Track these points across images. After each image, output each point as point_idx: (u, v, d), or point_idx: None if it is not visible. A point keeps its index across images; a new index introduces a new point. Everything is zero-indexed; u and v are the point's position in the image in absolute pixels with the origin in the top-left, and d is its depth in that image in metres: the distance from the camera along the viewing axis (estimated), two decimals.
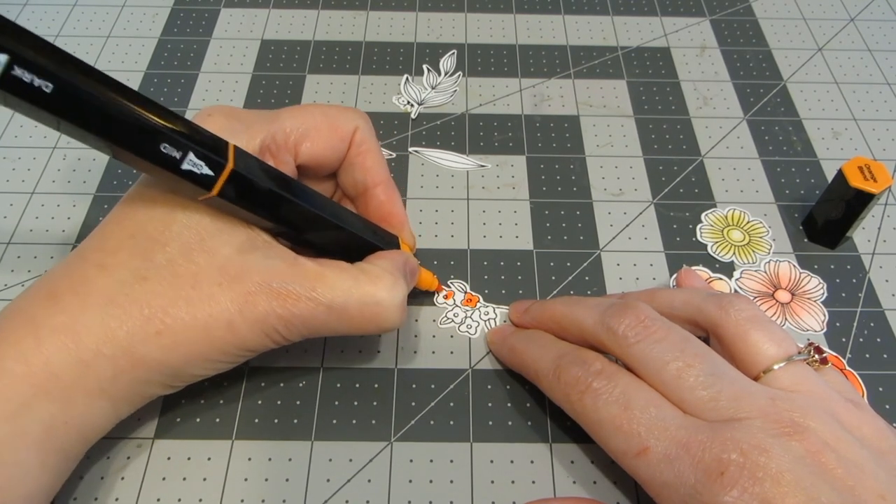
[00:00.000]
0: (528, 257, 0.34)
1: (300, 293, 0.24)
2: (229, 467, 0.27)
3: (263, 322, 0.24)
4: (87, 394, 0.22)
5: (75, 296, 0.23)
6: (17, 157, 0.37)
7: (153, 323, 0.23)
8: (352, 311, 0.25)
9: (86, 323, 0.22)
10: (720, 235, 0.35)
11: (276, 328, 0.24)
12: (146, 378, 0.24)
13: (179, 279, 0.23)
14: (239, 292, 0.23)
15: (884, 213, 0.37)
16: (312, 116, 0.28)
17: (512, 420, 0.29)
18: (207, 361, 0.24)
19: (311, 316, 0.24)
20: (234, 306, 0.23)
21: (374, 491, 0.27)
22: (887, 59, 0.44)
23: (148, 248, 0.24)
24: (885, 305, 0.33)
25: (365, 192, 0.29)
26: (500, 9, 0.47)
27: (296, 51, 0.43)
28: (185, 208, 0.24)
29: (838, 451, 0.22)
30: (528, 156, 0.38)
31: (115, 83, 0.21)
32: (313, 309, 0.24)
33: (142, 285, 0.23)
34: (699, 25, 0.46)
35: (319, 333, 0.26)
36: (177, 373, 0.24)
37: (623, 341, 0.25)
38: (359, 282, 0.25)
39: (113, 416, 0.24)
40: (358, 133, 0.29)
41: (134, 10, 0.46)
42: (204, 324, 0.23)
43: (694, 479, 0.22)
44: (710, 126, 0.40)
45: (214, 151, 0.23)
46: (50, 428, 0.22)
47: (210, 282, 0.23)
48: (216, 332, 0.23)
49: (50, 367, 0.22)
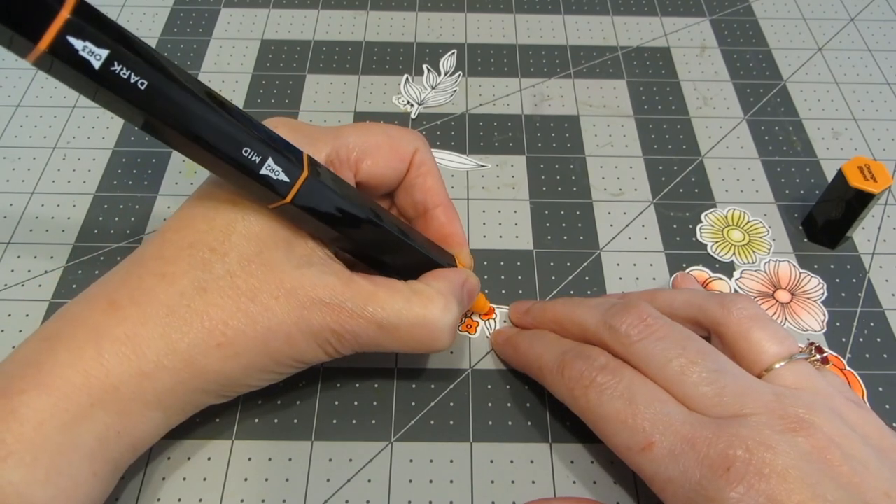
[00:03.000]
0: (528, 257, 0.34)
1: (352, 310, 0.24)
2: (229, 467, 0.27)
3: (318, 335, 0.24)
4: (145, 405, 0.22)
5: (136, 306, 0.23)
6: (18, 156, 0.37)
7: (214, 335, 0.23)
8: (402, 331, 0.25)
9: (147, 335, 0.22)
10: (720, 235, 0.35)
11: (329, 341, 0.24)
12: (203, 388, 0.24)
13: (238, 291, 0.23)
14: (294, 306, 0.24)
15: (884, 213, 0.37)
16: (375, 135, 0.28)
17: (512, 420, 0.29)
18: (264, 372, 0.25)
19: (363, 333, 0.25)
20: (291, 319, 0.23)
21: (374, 491, 0.27)
22: (887, 59, 0.44)
23: (207, 259, 0.23)
24: (884, 305, 0.33)
25: (425, 212, 0.29)
26: (500, 9, 0.47)
27: (296, 51, 0.43)
28: (244, 219, 0.24)
29: (843, 449, 0.22)
30: (528, 156, 0.38)
31: (202, 86, 0.21)
32: (365, 327, 0.24)
33: (202, 297, 0.23)
34: (699, 25, 0.46)
35: (371, 349, 0.26)
36: (233, 383, 0.24)
37: (625, 340, 0.25)
38: (411, 303, 0.25)
39: (164, 425, 0.24)
40: (418, 154, 0.29)
41: (134, 10, 0.46)
42: (263, 336, 0.23)
43: (699, 475, 0.22)
44: (710, 126, 0.40)
45: (291, 158, 0.23)
46: (104, 439, 0.22)
47: (268, 294, 0.23)
48: (274, 344, 0.24)
49: (110, 378, 0.22)
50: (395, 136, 0.28)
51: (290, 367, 0.25)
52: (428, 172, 0.29)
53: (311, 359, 0.25)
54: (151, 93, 0.19)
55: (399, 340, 0.25)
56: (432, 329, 0.25)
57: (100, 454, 0.22)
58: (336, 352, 0.25)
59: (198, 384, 0.23)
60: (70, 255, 0.33)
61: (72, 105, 0.40)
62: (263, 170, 0.22)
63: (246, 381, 0.25)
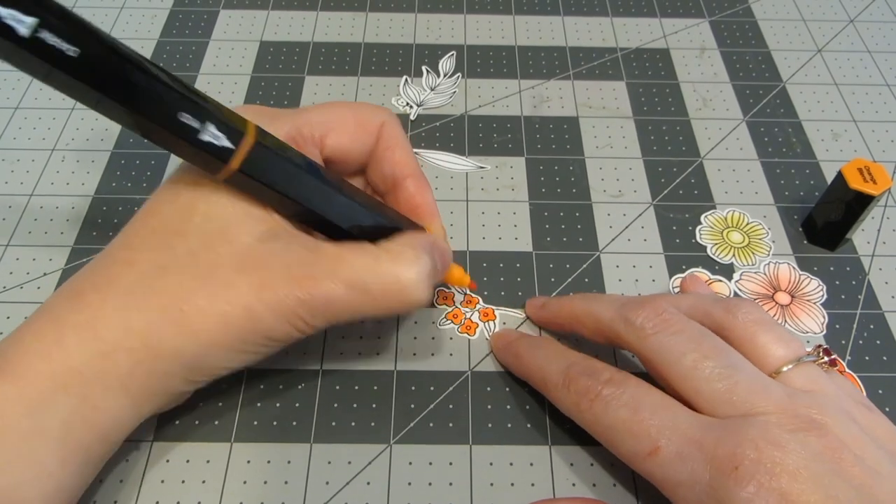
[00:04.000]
0: (527, 259, 0.34)
1: (319, 275, 0.24)
2: (228, 470, 0.27)
3: (283, 306, 0.23)
4: (107, 388, 0.22)
5: (97, 292, 0.23)
6: (16, 158, 0.37)
7: (170, 312, 0.23)
8: (373, 290, 0.24)
9: (106, 317, 0.22)
10: (720, 237, 0.35)
11: (297, 313, 0.24)
12: (165, 370, 0.23)
13: (199, 269, 0.23)
14: (257, 279, 0.23)
15: (883, 215, 0.37)
16: (339, 110, 0.28)
17: (511, 422, 0.29)
18: (229, 352, 0.24)
19: (332, 297, 0.24)
20: (252, 291, 0.23)
21: (374, 493, 0.27)
22: (887, 61, 0.44)
23: (170, 241, 0.23)
24: (884, 307, 0.33)
25: (395, 186, 0.29)
26: (500, 10, 0.47)
27: (295, 52, 0.43)
28: (205, 199, 0.24)
29: (855, 451, 0.21)
30: (527, 157, 0.38)
31: (137, 54, 0.21)
32: (333, 290, 0.24)
33: (162, 277, 0.23)
34: (699, 27, 0.46)
35: (344, 317, 0.25)
36: (197, 364, 0.24)
37: (640, 332, 0.25)
38: (379, 259, 0.24)
39: (133, 413, 0.23)
40: (385, 127, 0.28)
41: (133, 12, 0.46)
42: (222, 310, 0.23)
43: (708, 476, 0.21)
44: (709, 127, 0.40)
45: (236, 127, 0.23)
46: (69, 424, 0.22)
47: (229, 270, 0.23)
48: (235, 319, 0.23)
49: (70, 361, 0.22)
50: (361, 111, 0.28)
51: (256, 345, 0.24)
52: (396, 145, 0.29)
53: (280, 335, 0.24)
54: (83, 61, 0.19)
55: (373, 301, 0.24)
56: (405, 283, 0.25)
57: (67, 441, 0.22)
58: (306, 324, 0.24)
59: (159, 366, 0.23)
60: (69, 257, 0.33)
61: (70, 107, 0.40)
62: (204, 135, 0.22)
63: (210, 361, 0.24)
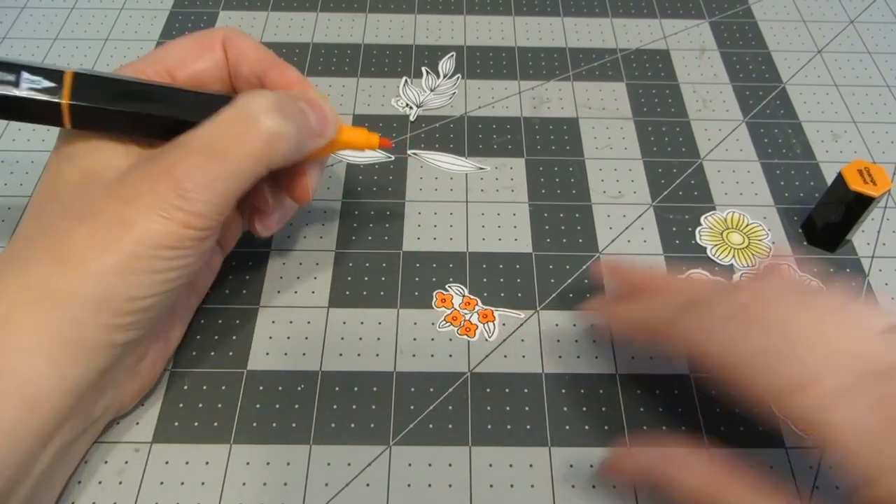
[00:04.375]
0: (527, 260, 0.34)
1: (173, 158, 0.24)
2: (227, 471, 0.27)
3: (155, 203, 0.23)
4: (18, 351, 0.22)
5: None
6: (15, 160, 0.37)
7: (54, 253, 0.23)
8: (227, 143, 0.24)
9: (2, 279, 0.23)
10: (719, 238, 0.35)
11: (171, 203, 0.23)
12: (73, 317, 0.23)
13: (72, 212, 0.24)
14: (126, 193, 0.24)
15: (883, 217, 0.36)
16: (176, 42, 0.28)
17: (511, 424, 0.29)
18: (126, 277, 0.23)
19: (194, 171, 0.24)
20: (122, 204, 0.24)
21: (373, 495, 0.27)
22: (887, 62, 0.44)
23: (46, 206, 0.25)
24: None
25: (262, 83, 0.28)
26: (499, 11, 0.47)
27: (294, 53, 0.43)
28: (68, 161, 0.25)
29: None
30: (527, 158, 0.38)
31: None
32: (190, 160, 0.24)
33: (43, 233, 0.24)
34: (698, 27, 0.46)
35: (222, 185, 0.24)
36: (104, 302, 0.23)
37: None
38: (220, 112, 0.25)
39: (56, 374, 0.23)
40: (229, 40, 0.28)
41: (132, 13, 0.46)
42: (102, 236, 0.23)
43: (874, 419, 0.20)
44: (709, 128, 0.40)
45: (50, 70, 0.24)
46: None
47: (100, 201, 0.24)
48: (116, 242, 0.23)
49: None
50: (198, 34, 0.29)
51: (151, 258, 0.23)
52: (246, 48, 0.28)
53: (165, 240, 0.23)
54: None
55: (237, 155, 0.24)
56: (249, 111, 0.24)
57: None
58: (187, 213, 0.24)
59: (66, 313, 0.23)
60: None
61: None
62: (24, 84, 0.24)
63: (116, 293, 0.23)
